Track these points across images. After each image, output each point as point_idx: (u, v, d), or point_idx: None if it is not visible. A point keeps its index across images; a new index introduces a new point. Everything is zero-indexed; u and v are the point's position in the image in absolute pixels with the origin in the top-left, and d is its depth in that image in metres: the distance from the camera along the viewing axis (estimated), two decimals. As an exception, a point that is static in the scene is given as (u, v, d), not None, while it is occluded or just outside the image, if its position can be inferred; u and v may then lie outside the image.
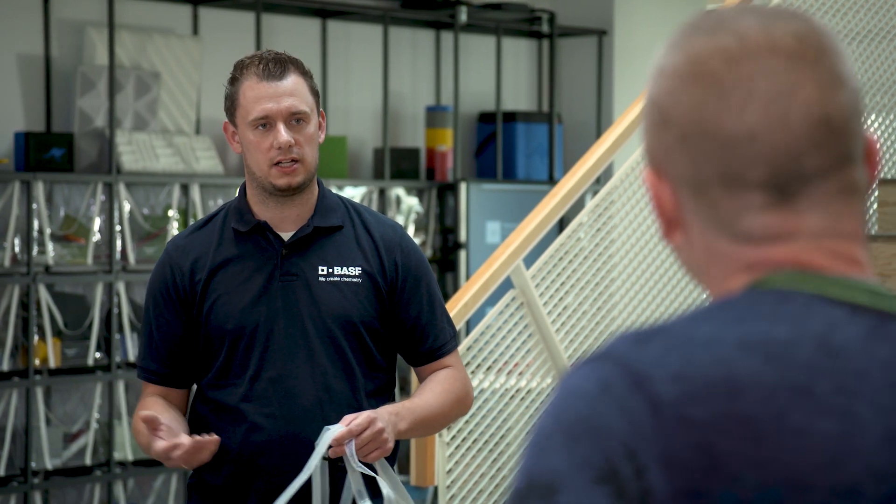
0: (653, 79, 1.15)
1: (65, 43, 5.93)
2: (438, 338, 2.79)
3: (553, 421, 1.05)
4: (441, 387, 2.75)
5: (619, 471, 1.02)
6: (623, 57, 7.35)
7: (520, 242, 4.05)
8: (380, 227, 2.78)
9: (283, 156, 2.67)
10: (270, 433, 2.67)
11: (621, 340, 1.08)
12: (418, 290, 2.76)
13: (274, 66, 2.68)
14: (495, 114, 7.10)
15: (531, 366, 4.16)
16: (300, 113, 2.69)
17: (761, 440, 1.02)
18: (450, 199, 6.87)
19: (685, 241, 1.14)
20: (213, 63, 6.29)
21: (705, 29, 1.12)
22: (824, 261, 1.10)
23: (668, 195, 1.13)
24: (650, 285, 4.43)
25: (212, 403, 2.73)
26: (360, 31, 6.81)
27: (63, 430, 5.75)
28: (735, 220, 1.10)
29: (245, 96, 2.70)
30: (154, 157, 5.94)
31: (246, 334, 2.69)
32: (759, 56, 1.09)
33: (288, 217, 2.74)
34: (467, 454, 4.03)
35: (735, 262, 1.11)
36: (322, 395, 2.68)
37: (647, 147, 1.15)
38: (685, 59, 1.12)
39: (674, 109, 1.11)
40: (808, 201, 1.09)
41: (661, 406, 1.03)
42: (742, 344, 1.05)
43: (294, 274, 2.71)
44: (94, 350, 5.77)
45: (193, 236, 2.78)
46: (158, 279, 2.76)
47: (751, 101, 1.08)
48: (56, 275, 5.66)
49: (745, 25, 1.11)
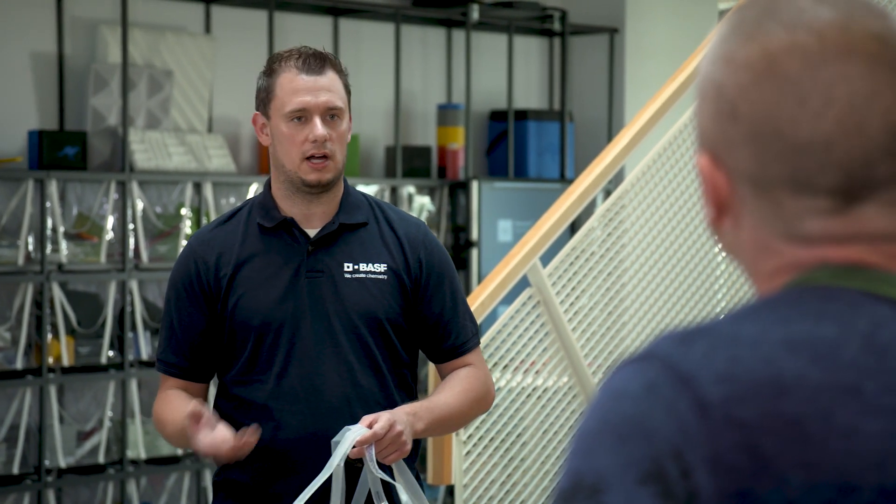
0: (718, 64, 1.11)
1: (78, 41, 5.93)
2: (461, 335, 2.79)
3: (598, 421, 1.05)
4: (461, 385, 2.75)
5: (665, 471, 1.01)
6: (634, 55, 7.34)
7: (536, 241, 4.05)
8: (404, 224, 2.79)
9: (316, 150, 2.68)
10: (298, 430, 2.67)
11: (665, 340, 1.07)
12: (441, 288, 2.77)
13: (314, 61, 2.70)
14: (507, 112, 7.09)
15: (547, 364, 4.15)
16: (336, 109, 2.70)
17: (808, 441, 1.02)
18: (461, 198, 6.86)
19: (733, 229, 1.12)
20: (226, 61, 6.29)
21: (781, 20, 1.09)
22: (879, 260, 1.09)
23: (724, 183, 1.11)
24: (665, 284, 4.42)
25: (236, 400, 2.72)
26: (371, 29, 6.80)
27: (76, 429, 5.75)
28: (796, 222, 1.09)
29: (283, 88, 2.70)
30: (167, 156, 5.95)
31: (272, 330, 2.69)
32: (840, 59, 1.07)
33: (314, 213, 2.74)
34: (484, 453, 4.03)
35: (785, 260, 1.10)
36: (350, 392, 2.69)
37: (705, 133, 1.12)
38: (760, 53, 1.09)
39: (745, 104, 1.09)
40: (873, 207, 1.09)
41: (708, 407, 1.02)
42: (788, 343, 1.04)
43: (320, 270, 2.71)
44: (108, 348, 5.77)
45: (218, 230, 2.78)
46: (182, 272, 2.75)
47: (829, 108, 1.07)
48: (69, 273, 5.67)
49: (824, 21, 1.08)
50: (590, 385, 4.16)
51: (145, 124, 5.97)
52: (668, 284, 4.42)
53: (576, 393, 4.18)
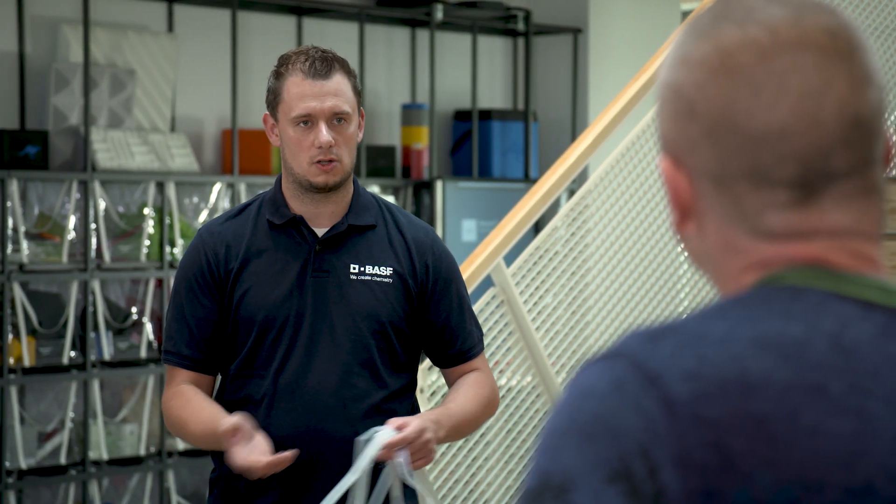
0: (675, 66, 1.12)
1: (39, 40, 5.89)
2: (467, 340, 2.81)
3: (565, 420, 1.04)
4: (473, 391, 2.78)
5: (632, 470, 1.01)
6: (598, 55, 7.36)
7: (500, 241, 4.05)
8: (412, 228, 2.80)
9: (322, 155, 2.69)
10: (292, 428, 2.68)
11: (633, 338, 1.07)
12: (448, 293, 2.78)
13: (320, 65, 2.69)
14: (471, 112, 7.09)
15: (511, 364, 4.16)
16: (342, 113, 2.70)
17: (775, 439, 1.02)
18: (425, 198, 6.86)
19: (698, 232, 1.13)
20: (189, 60, 6.27)
21: (733, 19, 1.10)
22: (842, 259, 1.09)
23: (686, 185, 1.12)
24: (629, 284, 4.43)
25: (234, 394, 2.73)
26: (335, 28, 6.79)
27: (37, 430, 5.71)
28: (758, 216, 1.09)
29: (289, 92, 2.70)
30: (129, 155, 5.91)
31: (275, 327, 2.70)
32: (792, 51, 1.08)
33: (323, 213, 2.75)
34: (448, 452, 4.03)
35: (751, 258, 1.10)
36: (345, 393, 2.69)
37: (666, 136, 1.13)
38: (714, 50, 1.09)
39: (701, 101, 1.09)
40: (832, 200, 1.09)
41: (675, 405, 1.02)
42: (755, 342, 1.04)
43: (326, 270, 2.72)
44: (69, 349, 5.73)
45: (227, 224, 2.78)
46: (193, 264, 2.75)
47: (783, 98, 1.07)
48: (30, 273, 5.63)
49: (776, 17, 1.09)
50: (554, 384, 4.17)
51: (107, 123, 5.94)
52: (632, 284, 4.44)
53: (540, 392, 4.19)
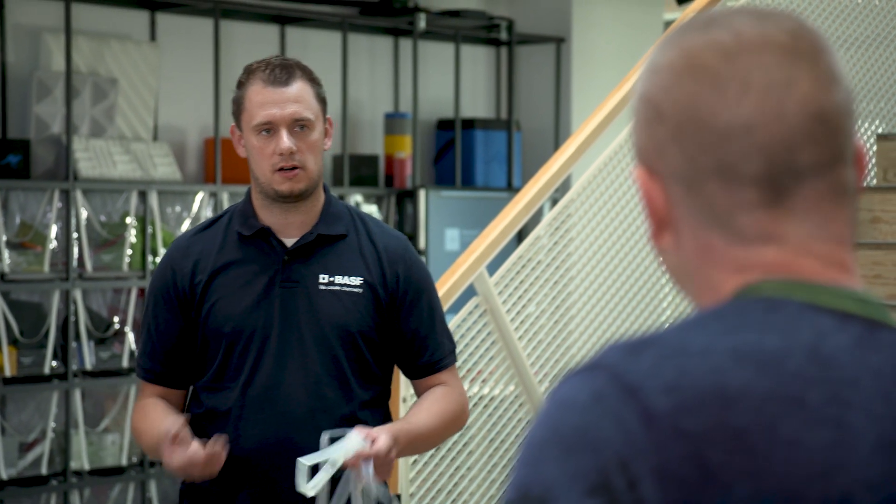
0: (645, 76, 1.14)
1: (21, 49, 5.87)
2: (437, 352, 2.79)
3: (545, 431, 1.04)
4: (437, 406, 2.76)
5: (612, 483, 1.01)
6: (581, 64, 7.37)
7: (483, 250, 4.05)
8: (384, 237, 2.78)
9: (284, 162, 2.67)
10: (261, 439, 2.67)
11: (612, 350, 1.07)
12: (419, 303, 2.76)
13: (280, 72, 2.68)
14: (454, 121, 7.10)
15: (494, 373, 4.16)
16: (304, 119, 2.69)
17: (754, 451, 1.02)
18: (409, 206, 6.86)
19: (674, 243, 1.13)
20: (171, 69, 6.26)
21: (699, 27, 1.12)
22: (814, 266, 1.10)
23: (660, 194, 1.12)
24: (612, 293, 4.44)
25: (205, 407, 2.72)
26: (318, 37, 6.79)
27: (18, 440, 5.69)
28: (729, 216, 1.10)
29: (250, 101, 2.69)
30: (111, 164, 5.90)
31: (243, 339, 2.69)
32: (755, 50, 1.09)
33: (292, 223, 2.73)
34: (430, 461, 4.03)
35: (727, 262, 1.11)
36: (314, 404, 2.68)
37: (638, 145, 1.14)
38: (679, 54, 1.11)
39: (667, 103, 1.11)
40: (801, 201, 1.09)
41: (654, 417, 1.02)
42: (734, 354, 1.05)
43: (295, 281, 2.71)
44: (51, 358, 5.72)
45: (197, 237, 2.78)
46: (159, 279, 2.76)
47: (747, 93, 1.08)
48: (12, 282, 5.61)
49: (740, 23, 1.11)
50: (536, 394, 4.17)
51: (89, 132, 5.92)
52: (615, 293, 4.44)
53: (522, 401, 4.19)
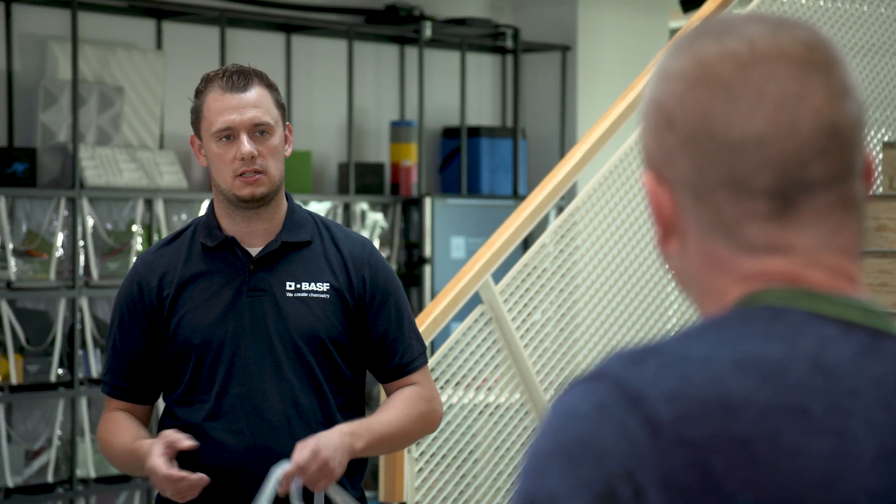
0: (656, 82, 1.13)
1: (27, 57, 5.89)
2: (406, 354, 2.78)
3: (550, 441, 1.04)
4: (403, 403, 2.74)
5: (617, 492, 1.01)
6: (586, 72, 7.38)
7: (488, 258, 4.05)
8: (349, 242, 2.77)
9: (245, 167, 2.67)
10: (238, 450, 2.66)
11: (615, 359, 1.07)
12: (386, 307, 2.76)
13: (238, 79, 2.68)
14: (459, 129, 7.10)
15: (500, 381, 4.15)
16: (263, 124, 2.68)
17: (757, 460, 1.02)
18: (414, 214, 6.86)
19: (681, 249, 1.13)
20: (177, 77, 6.27)
21: (713, 34, 1.11)
22: (820, 276, 1.10)
23: (668, 200, 1.12)
24: (618, 301, 4.44)
25: (179, 420, 2.71)
26: (324, 46, 6.80)
27: (25, 448, 5.70)
28: (737, 226, 1.10)
29: (209, 108, 2.70)
30: (117, 172, 5.91)
31: (212, 350, 2.68)
32: (769, 62, 1.09)
33: (256, 232, 2.73)
34: (436, 469, 4.03)
35: (732, 272, 1.11)
36: (290, 412, 2.68)
37: (647, 150, 1.14)
38: (693, 63, 1.11)
39: (679, 112, 1.10)
40: (809, 213, 1.09)
41: (659, 427, 1.02)
42: (737, 363, 1.05)
43: (262, 289, 2.70)
44: (57, 366, 5.72)
45: (162, 251, 2.77)
46: (125, 294, 2.76)
47: (760, 106, 1.08)
48: (18, 290, 5.61)
49: (754, 32, 1.10)
50: (542, 402, 4.17)
51: (96, 140, 5.93)
52: (621, 301, 4.44)
53: (528, 410, 4.19)
